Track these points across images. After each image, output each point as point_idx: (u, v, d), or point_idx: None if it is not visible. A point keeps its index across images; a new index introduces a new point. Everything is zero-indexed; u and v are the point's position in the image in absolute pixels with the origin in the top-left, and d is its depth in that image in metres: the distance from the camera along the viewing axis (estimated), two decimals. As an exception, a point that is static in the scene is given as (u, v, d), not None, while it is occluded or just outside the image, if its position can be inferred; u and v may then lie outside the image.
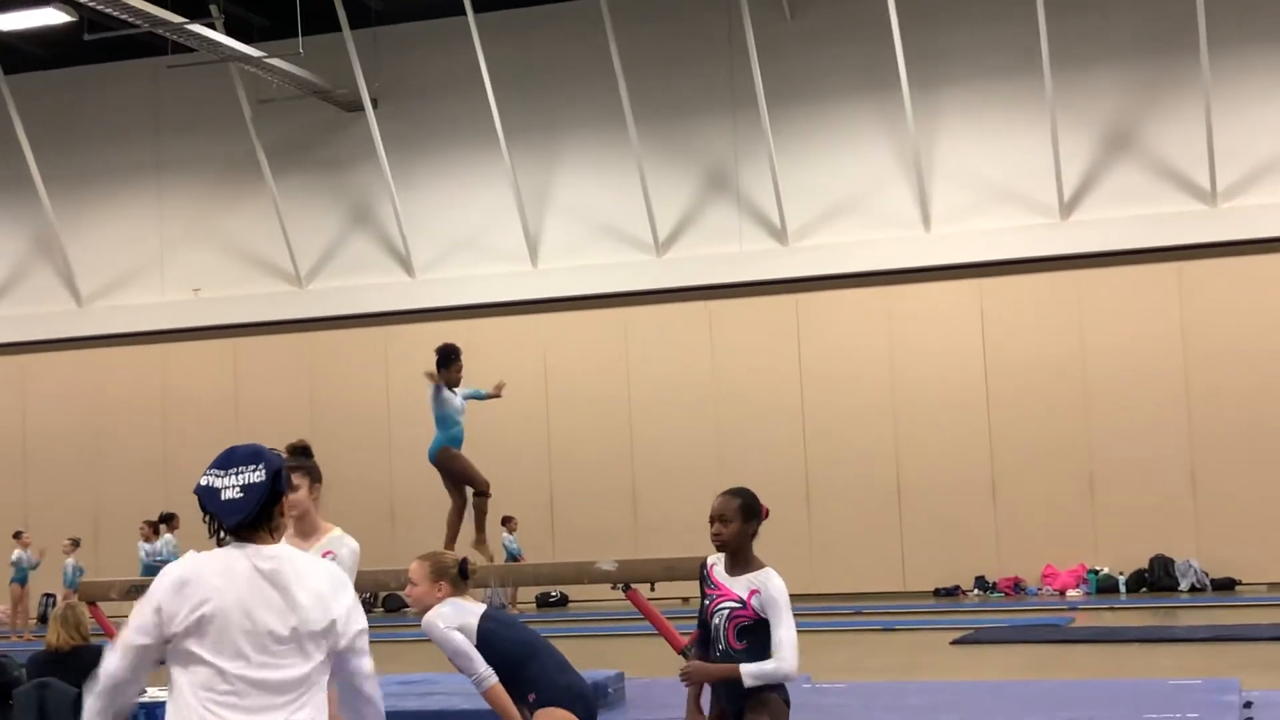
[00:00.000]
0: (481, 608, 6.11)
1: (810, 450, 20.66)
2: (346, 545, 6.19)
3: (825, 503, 20.10)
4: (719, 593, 5.48)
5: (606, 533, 20.40)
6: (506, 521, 20.60)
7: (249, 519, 3.67)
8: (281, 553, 3.66)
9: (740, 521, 5.48)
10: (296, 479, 6.15)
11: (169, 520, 20.17)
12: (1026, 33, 19.53)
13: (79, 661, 7.77)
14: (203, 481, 3.73)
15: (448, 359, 10.87)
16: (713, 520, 5.52)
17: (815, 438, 20.69)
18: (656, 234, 21.27)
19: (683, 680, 5.59)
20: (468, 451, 11.09)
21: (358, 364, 22.49)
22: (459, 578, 6.12)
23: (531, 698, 5.93)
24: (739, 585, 5.45)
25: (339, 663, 3.69)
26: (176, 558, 14.48)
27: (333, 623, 3.63)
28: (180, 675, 3.53)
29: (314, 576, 3.66)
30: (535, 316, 21.88)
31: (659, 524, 20.66)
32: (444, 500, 10.77)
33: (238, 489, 3.69)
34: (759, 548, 5.57)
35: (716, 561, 5.56)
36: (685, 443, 21.07)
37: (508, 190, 21.58)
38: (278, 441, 16.72)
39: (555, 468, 21.60)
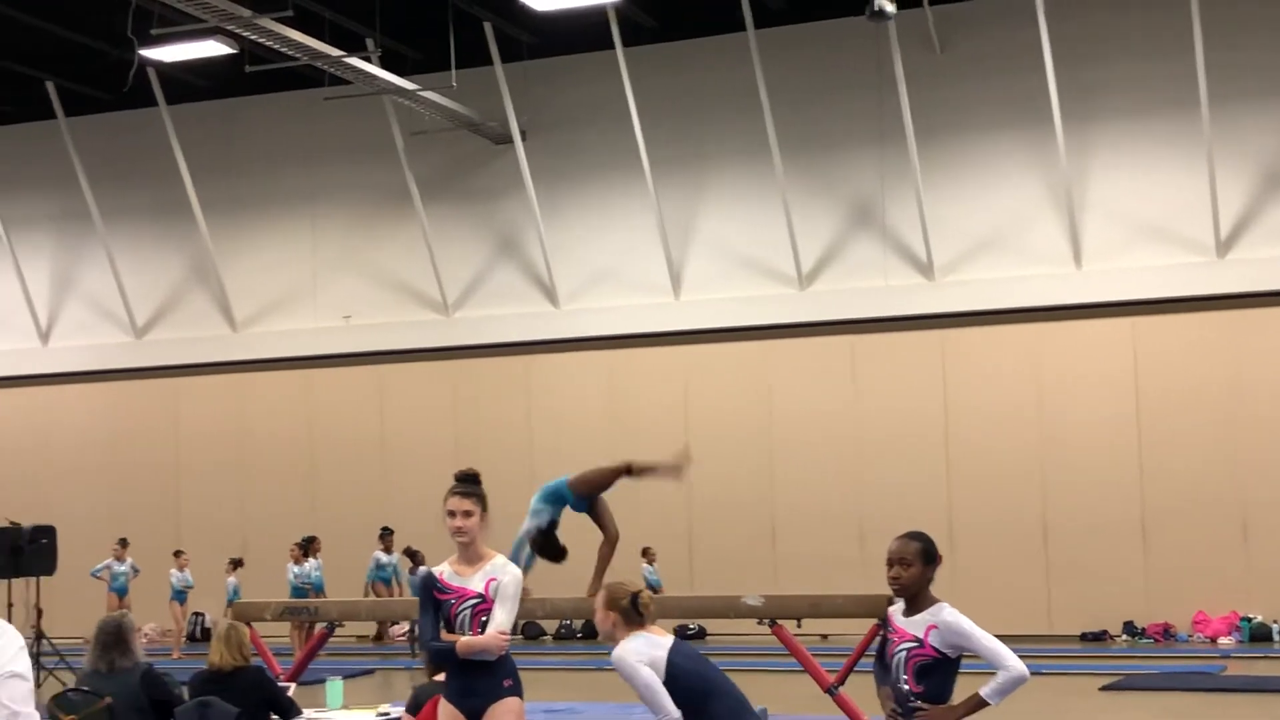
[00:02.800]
0: (669, 640, 6.04)
1: (954, 490, 20.40)
2: (509, 573, 6.27)
3: (969, 543, 19.79)
4: (897, 636, 5.45)
5: (745, 566, 20.34)
6: (645, 553, 20.65)
7: None
8: None
9: (920, 565, 5.45)
10: (469, 505, 6.24)
11: (310, 543, 20.65)
12: (1184, 66, 19.15)
13: (240, 682, 7.94)
14: None
15: None
16: (891, 563, 5.47)
17: (959, 477, 20.42)
18: (800, 267, 21.20)
19: None
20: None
21: (501, 392, 22.71)
22: (630, 609, 6.07)
23: None
24: (915, 625, 5.41)
25: None
26: (321, 581, 14.85)
27: None
28: None
29: None
30: (677, 348, 21.92)
31: (798, 559, 20.56)
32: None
33: None
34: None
35: (896, 610, 5.53)
36: (826, 478, 20.93)
37: (652, 221, 21.68)
38: (424, 466, 16.99)
39: (694, 499, 21.56)
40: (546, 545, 9.54)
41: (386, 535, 21.34)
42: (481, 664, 6.15)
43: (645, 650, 5.95)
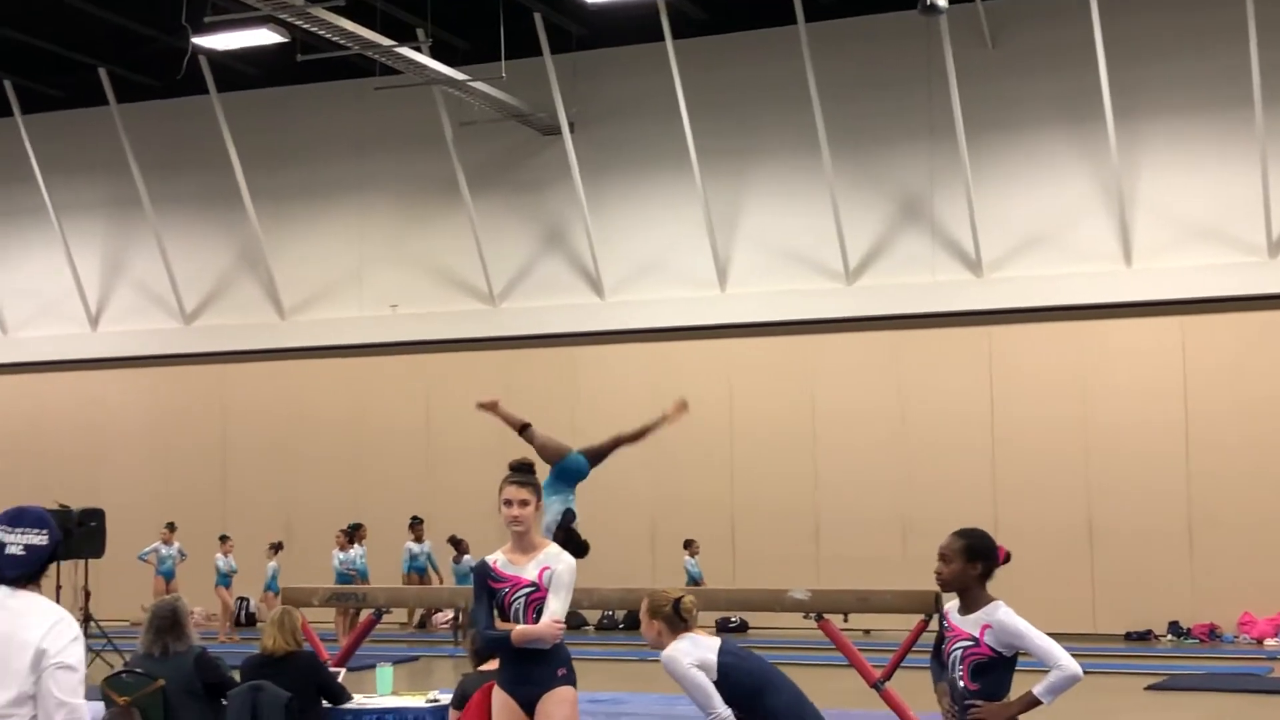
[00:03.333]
0: (717, 641, 6.15)
1: (999, 487, 20.31)
2: (563, 561, 6.31)
3: (1014, 542, 19.22)
4: (953, 633, 5.46)
5: (788, 560, 20.32)
6: (688, 545, 20.66)
7: (27, 575, 4.14)
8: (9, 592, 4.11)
9: (961, 562, 5.46)
10: (525, 495, 6.29)
11: (356, 530, 20.76)
12: (1237, 64, 19.00)
13: (292, 667, 8.01)
14: None
15: None
16: (938, 558, 5.51)
17: (1005, 475, 20.33)
18: (847, 262, 21.15)
19: None
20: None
21: (546, 383, 22.73)
22: (673, 615, 6.20)
23: None
24: (970, 624, 5.42)
25: (37, 685, 4.03)
26: (366, 568, 15.00)
27: (39, 653, 4.02)
28: None
29: (36, 615, 4.08)
30: (722, 341, 21.91)
31: (842, 554, 20.51)
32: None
33: (21, 548, 4.12)
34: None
35: (952, 608, 5.55)
36: (870, 472, 20.87)
37: (698, 215, 21.67)
38: (468, 455, 17.12)
39: (737, 492, 21.56)
40: (568, 542, 9.58)
41: (416, 525, 21.35)
42: (536, 653, 6.18)
43: (694, 651, 6.06)
